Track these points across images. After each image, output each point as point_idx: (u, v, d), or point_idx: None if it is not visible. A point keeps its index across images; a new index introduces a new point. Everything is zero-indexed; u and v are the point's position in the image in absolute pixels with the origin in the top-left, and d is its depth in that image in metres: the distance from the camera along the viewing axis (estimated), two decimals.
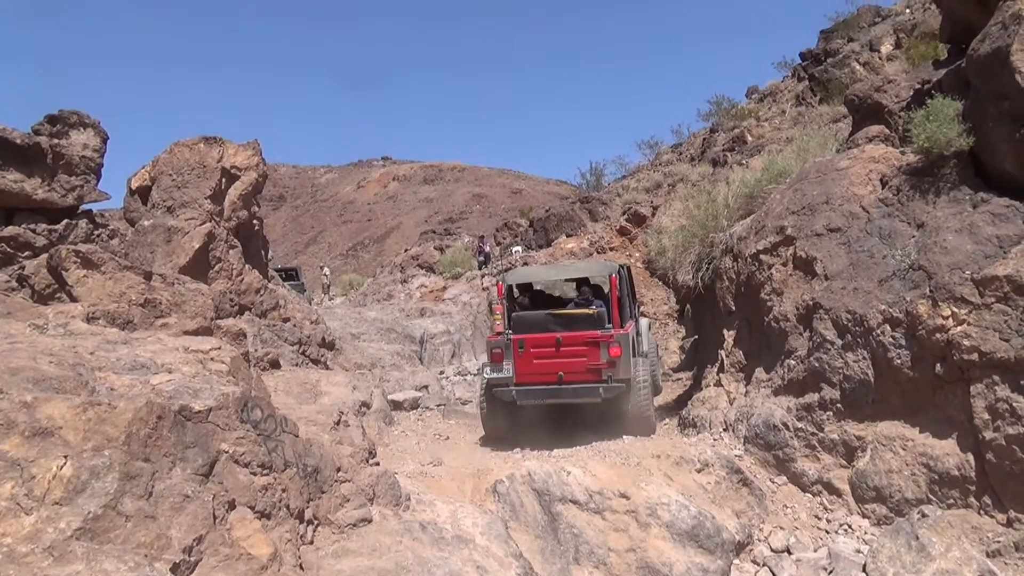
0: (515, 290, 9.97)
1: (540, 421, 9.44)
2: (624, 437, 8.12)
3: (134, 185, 9.92)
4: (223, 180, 9.88)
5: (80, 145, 8.76)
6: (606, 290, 9.96)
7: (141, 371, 4.32)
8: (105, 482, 3.35)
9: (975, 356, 5.83)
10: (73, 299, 6.26)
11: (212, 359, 4.94)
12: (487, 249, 27.69)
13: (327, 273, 33.79)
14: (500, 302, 9.56)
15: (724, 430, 7.84)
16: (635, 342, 9.20)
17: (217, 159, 9.83)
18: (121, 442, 3.50)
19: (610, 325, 8.97)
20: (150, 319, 6.43)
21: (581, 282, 10.51)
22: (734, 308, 8.90)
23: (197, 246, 9.11)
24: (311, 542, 4.40)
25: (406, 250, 34.83)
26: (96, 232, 9.10)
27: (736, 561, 5.91)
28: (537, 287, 10.52)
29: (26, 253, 8.57)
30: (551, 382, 8.75)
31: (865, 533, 6.16)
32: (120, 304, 6.22)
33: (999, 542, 5.51)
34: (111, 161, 9.20)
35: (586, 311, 9.28)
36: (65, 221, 8.47)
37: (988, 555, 5.45)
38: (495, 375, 8.89)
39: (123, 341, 4.93)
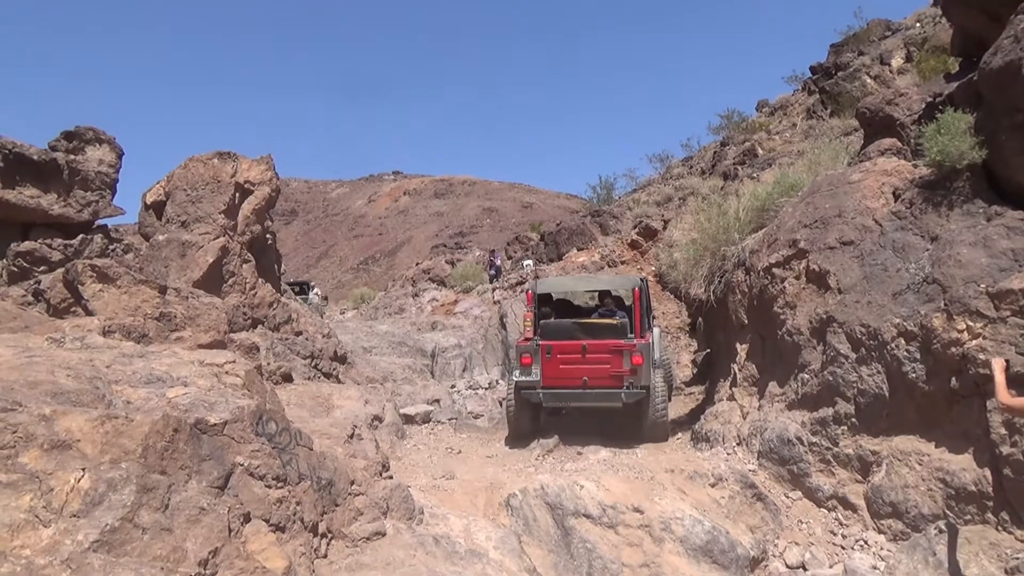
0: (539, 299, 10.48)
1: (562, 426, 10.04)
2: (637, 451, 8.08)
3: (149, 200, 10.03)
4: (237, 195, 9.97)
5: (96, 161, 8.89)
6: (627, 302, 10.68)
7: (157, 384, 4.35)
8: (122, 495, 3.37)
9: (991, 370, 5.78)
10: (89, 313, 6.33)
11: (227, 372, 4.97)
12: (498, 263, 27.72)
13: (318, 293, 29.33)
14: (530, 309, 10.13)
15: (738, 444, 7.79)
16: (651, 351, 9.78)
17: (231, 174, 9.93)
18: (138, 455, 3.53)
19: (632, 335, 9.58)
20: (165, 333, 6.48)
21: (604, 294, 11.05)
22: (746, 322, 8.87)
23: (211, 260, 9.18)
24: (325, 555, 4.41)
25: (417, 264, 34.95)
26: (111, 247, 9.21)
27: None
28: (559, 297, 11.08)
29: (42, 268, 8.66)
30: (576, 386, 9.37)
31: (881, 549, 6.10)
32: (135, 318, 6.27)
33: (1018, 559, 5.44)
34: (126, 176, 9.32)
35: (610, 321, 9.89)
36: (81, 236, 8.58)
37: (1007, 572, 5.38)
38: (524, 378, 9.52)
39: (139, 355, 4.97)
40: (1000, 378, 4.84)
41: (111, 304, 6.44)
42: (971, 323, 6.00)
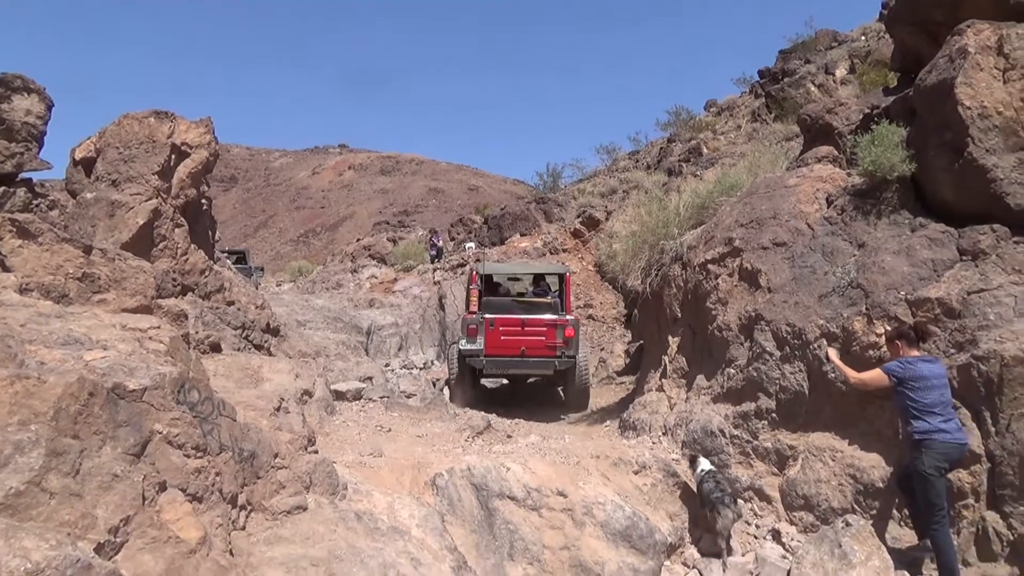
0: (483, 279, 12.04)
1: (498, 397, 11.81)
2: (566, 436, 8.20)
3: (78, 156, 9.61)
4: (173, 156, 9.63)
5: (23, 111, 8.45)
6: (553, 287, 12.76)
7: (74, 346, 4.20)
8: (30, 458, 3.25)
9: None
10: (6, 269, 6.04)
11: (150, 338, 4.83)
12: (440, 244, 27.55)
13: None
14: (476, 287, 11.60)
15: (663, 434, 7.97)
16: None
17: (167, 135, 9.59)
18: (49, 417, 3.40)
19: (563, 312, 11.49)
20: (87, 294, 6.24)
21: (538, 278, 13.09)
22: (680, 315, 9.06)
23: (141, 222, 8.87)
24: (243, 528, 4.34)
25: (358, 240, 34.52)
26: (35, 202, 8.80)
27: (667, 563, 6.02)
28: (496, 279, 12.66)
29: None
30: (515, 355, 11.02)
31: (792, 540, 6.34)
32: (56, 277, 6.02)
33: (917, 553, 5.73)
34: (55, 133, 8.91)
35: (545, 300, 11.90)
36: (2, 188, 8.17)
37: (907, 565, 5.67)
38: (469, 346, 11.03)
39: (57, 315, 4.78)
40: (840, 363, 6.06)
41: (31, 261, 6.16)
42: (889, 328, 6.26)
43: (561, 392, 12.35)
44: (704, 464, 6.75)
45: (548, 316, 11.30)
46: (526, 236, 24.00)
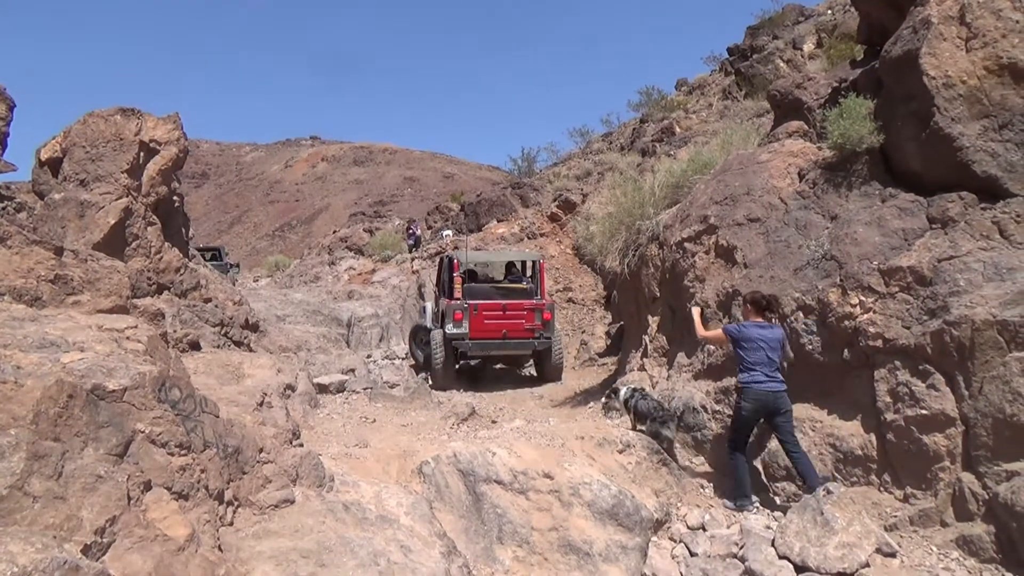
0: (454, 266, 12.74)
1: (480, 377, 12.94)
2: (550, 419, 8.25)
3: (43, 156, 9.45)
4: (141, 154, 9.51)
5: None
6: (528, 272, 13.83)
7: (51, 349, 4.15)
8: (11, 462, 3.23)
9: (879, 342, 6.16)
10: None
11: (128, 338, 4.79)
12: (417, 232, 27.44)
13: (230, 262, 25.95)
14: (459, 275, 12.54)
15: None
16: None
17: (135, 132, 9.46)
18: (28, 421, 3.38)
19: (539, 296, 12.66)
20: (61, 296, 6.16)
21: (511, 264, 13.99)
22: (658, 294, 9.12)
23: (112, 222, 8.77)
24: (231, 523, 4.34)
25: (334, 232, 34.30)
26: (2, 205, 8.67)
27: (654, 538, 6.10)
28: (471, 266, 13.45)
29: None
30: (497, 337, 12.16)
31: (775, 510, 6.45)
32: (28, 280, 5.93)
33: (896, 516, 5.87)
34: (17, 132, 8.74)
35: (522, 285, 13.02)
36: None
37: (886, 528, 5.80)
38: (456, 331, 12.04)
39: (31, 318, 4.72)
40: (698, 319, 7.19)
41: (1, 265, 6.07)
42: (863, 298, 6.35)
43: (535, 369, 13.49)
44: (624, 390, 7.69)
45: (527, 300, 12.44)
46: (503, 222, 23.98)
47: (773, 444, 6.75)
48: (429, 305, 14.95)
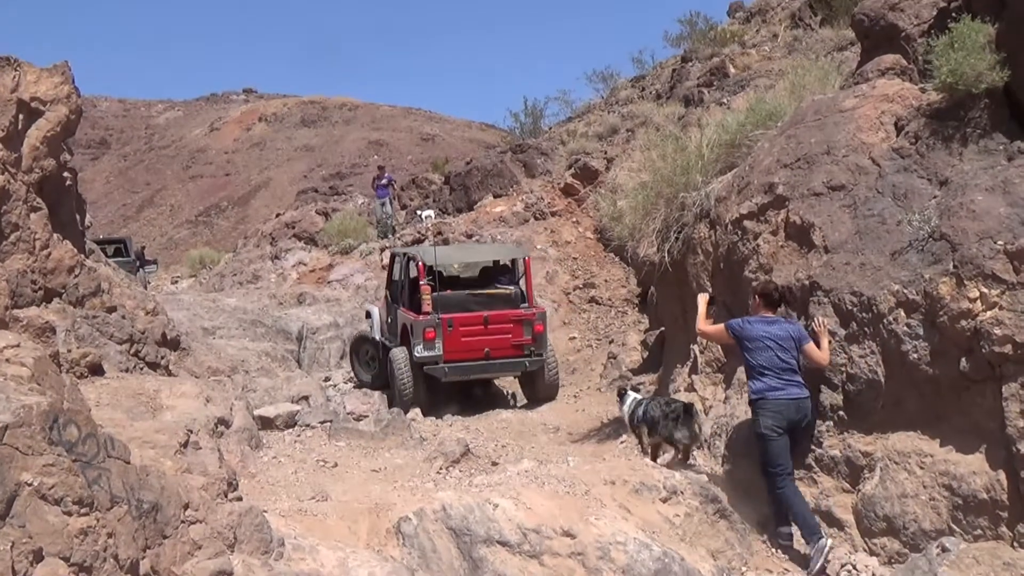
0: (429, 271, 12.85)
1: (460, 398, 13.12)
2: (569, 459, 8.25)
3: None
4: (20, 117, 9.50)
5: None
6: (512, 271, 13.87)
7: None
8: None
9: (1008, 348, 6.14)
10: None
11: (8, 361, 4.80)
12: (389, 185, 26.39)
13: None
14: (428, 283, 12.57)
15: (698, 447, 8.04)
16: None
17: (11, 88, 9.45)
18: None
19: (526, 303, 13.01)
20: None
21: (489, 265, 14.25)
22: (711, 290, 9.12)
23: None
24: None
25: (278, 215, 34.32)
26: None
27: None
28: (438, 268, 13.35)
29: None
30: (479, 358, 12.35)
31: (873, 574, 6.45)
32: None
33: None
34: None
35: (504, 291, 13.20)
36: None
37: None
38: (427, 353, 12.15)
39: None
40: (703, 309, 7.65)
41: None
42: (985, 290, 6.33)
43: (522, 389, 13.97)
44: (629, 401, 8.12)
45: (513, 310, 12.82)
46: (501, 198, 23.97)
47: (868, 488, 6.75)
48: (376, 310, 15.18)
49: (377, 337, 14.61)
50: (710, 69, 25.78)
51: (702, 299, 7.80)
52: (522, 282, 13.49)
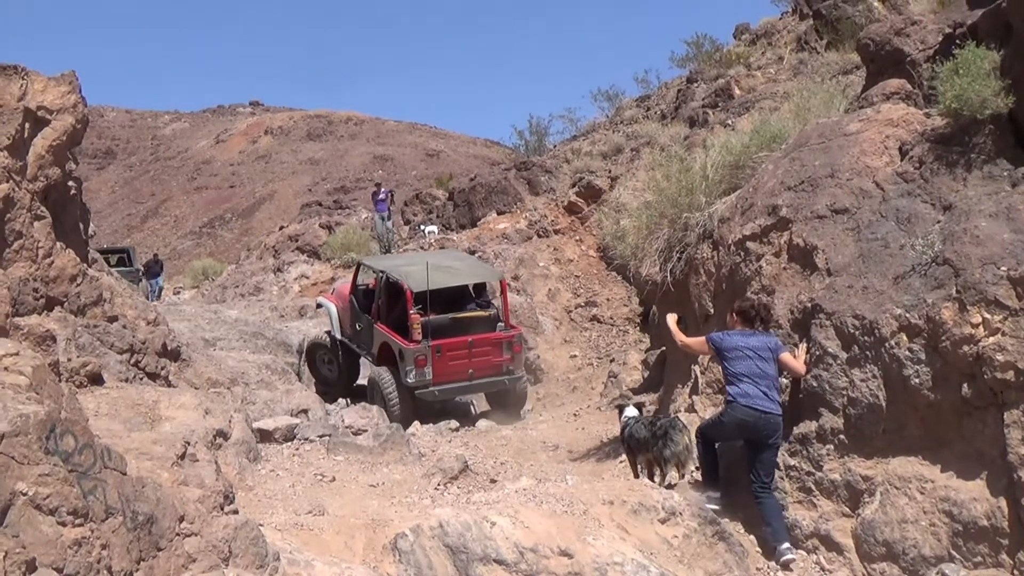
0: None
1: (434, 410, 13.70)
2: (568, 478, 8.23)
3: None
4: (26, 125, 9.53)
5: None
6: (490, 293, 15.19)
7: None
8: None
9: (1010, 374, 6.12)
10: None
11: (6, 369, 4.79)
12: (388, 201, 26.46)
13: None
14: (417, 311, 13.09)
15: (697, 468, 8.01)
16: None
17: (18, 96, 9.48)
18: None
19: (502, 324, 14.06)
20: None
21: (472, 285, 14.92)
22: (712, 311, 9.11)
23: None
24: None
25: (281, 228, 34.41)
26: None
27: None
28: (419, 289, 13.53)
29: None
30: (463, 379, 13.34)
31: None
32: None
33: None
34: None
35: (483, 314, 14.25)
36: None
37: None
38: (419, 380, 12.95)
39: None
40: (674, 327, 8.21)
41: None
42: (988, 315, 6.31)
43: (487, 402, 14.89)
44: (627, 415, 8.31)
45: (493, 333, 13.87)
46: (505, 215, 24.01)
47: (868, 512, 6.71)
48: (332, 306, 15.71)
49: (338, 336, 15.25)
50: (715, 90, 25.84)
51: (671, 318, 8.31)
52: (499, 302, 14.55)
